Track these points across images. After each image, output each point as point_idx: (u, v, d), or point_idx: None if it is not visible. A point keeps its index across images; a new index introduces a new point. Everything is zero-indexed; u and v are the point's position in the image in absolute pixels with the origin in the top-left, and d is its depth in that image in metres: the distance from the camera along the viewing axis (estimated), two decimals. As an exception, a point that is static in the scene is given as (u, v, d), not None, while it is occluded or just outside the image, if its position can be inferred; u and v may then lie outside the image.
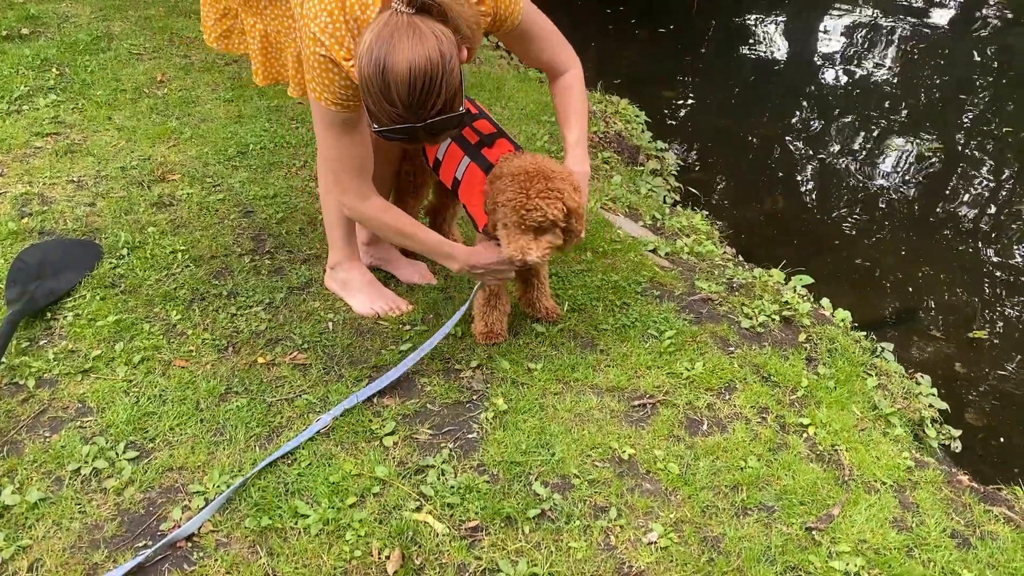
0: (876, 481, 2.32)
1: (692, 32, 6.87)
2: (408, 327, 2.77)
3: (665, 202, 4.11)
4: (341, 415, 2.38)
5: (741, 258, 3.63)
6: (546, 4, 2.56)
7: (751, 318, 2.92)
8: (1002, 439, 3.06)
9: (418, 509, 2.13)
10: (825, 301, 3.20)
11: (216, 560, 1.99)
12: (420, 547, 2.04)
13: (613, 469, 2.27)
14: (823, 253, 4.04)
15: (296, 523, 2.08)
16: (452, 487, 2.19)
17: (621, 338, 2.74)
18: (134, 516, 2.09)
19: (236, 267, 3.01)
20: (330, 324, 2.77)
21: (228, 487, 2.15)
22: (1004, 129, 5.36)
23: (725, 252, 3.64)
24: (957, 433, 2.85)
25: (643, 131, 4.75)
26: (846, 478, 2.32)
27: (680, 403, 2.50)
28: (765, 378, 2.65)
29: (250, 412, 2.40)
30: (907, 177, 4.80)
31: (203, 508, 2.09)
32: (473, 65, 3.01)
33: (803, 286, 3.23)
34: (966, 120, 5.51)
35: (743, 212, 4.41)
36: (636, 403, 2.49)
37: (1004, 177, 4.86)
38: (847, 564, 2.04)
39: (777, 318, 2.95)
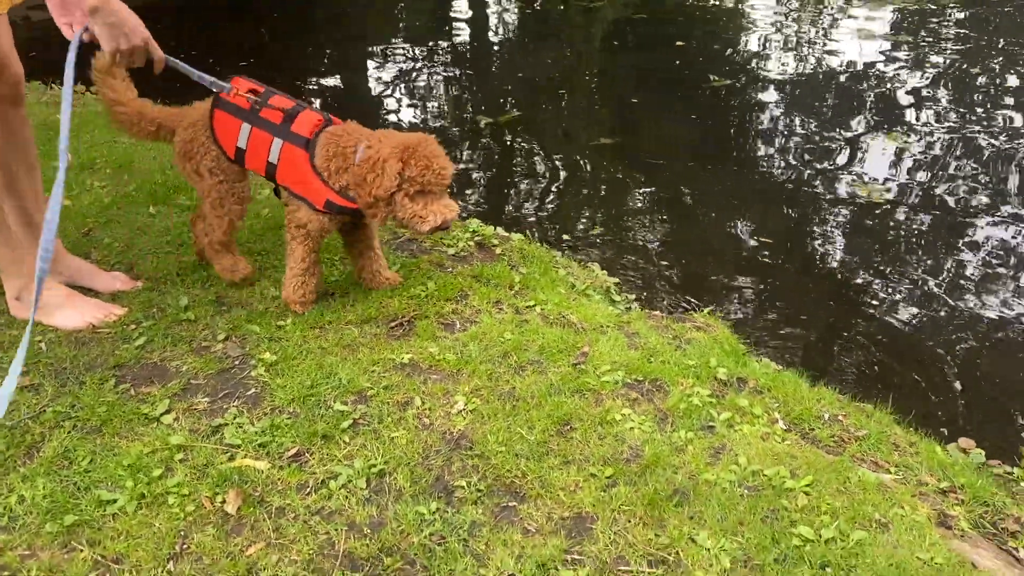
0: (602, 326, 2.77)
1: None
2: (134, 326, 2.62)
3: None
4: (104, 410, 2.21)
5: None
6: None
7: (453, 247, 3.24)
8: (653, 294, 3.75)
9: (231, 459, 2.08)
10: (500, 229, 3.64)
11: (31, 571, 1.76)
12: (252, 482, 2.00)
13: (400, 373, 2.42)
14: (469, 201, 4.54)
15: (106, 509, 1.91)
16: (256, 431, 2.17)
17: (353, 282, 2.88)
18: None
19: None
20: (43, 345, 2.52)
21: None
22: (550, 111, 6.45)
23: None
24: (633, 296, 3.46)
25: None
26: (581, 329, 2.73)
27: (431, 314, 2.72)
28: (486, 282, 2.98)
29: (-8, 440, 2.11)
30: (497, 134, 5.60)
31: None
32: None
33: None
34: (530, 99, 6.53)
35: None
36: (393, 324, 2.66)
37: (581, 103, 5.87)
38: (614, 377, 2.43)
39: (472, 244, 3.31)
